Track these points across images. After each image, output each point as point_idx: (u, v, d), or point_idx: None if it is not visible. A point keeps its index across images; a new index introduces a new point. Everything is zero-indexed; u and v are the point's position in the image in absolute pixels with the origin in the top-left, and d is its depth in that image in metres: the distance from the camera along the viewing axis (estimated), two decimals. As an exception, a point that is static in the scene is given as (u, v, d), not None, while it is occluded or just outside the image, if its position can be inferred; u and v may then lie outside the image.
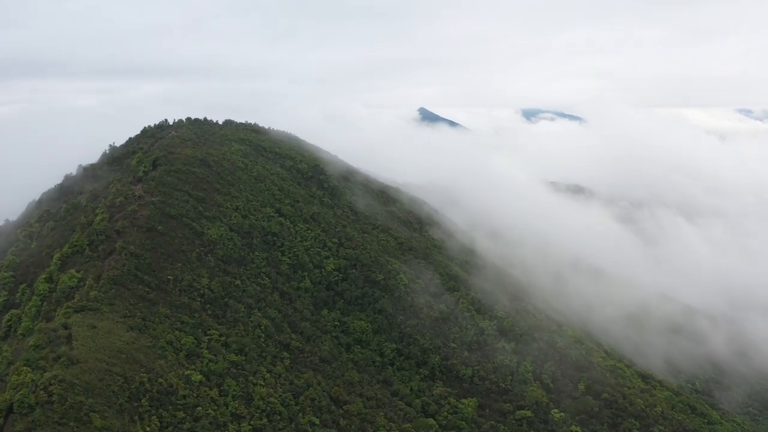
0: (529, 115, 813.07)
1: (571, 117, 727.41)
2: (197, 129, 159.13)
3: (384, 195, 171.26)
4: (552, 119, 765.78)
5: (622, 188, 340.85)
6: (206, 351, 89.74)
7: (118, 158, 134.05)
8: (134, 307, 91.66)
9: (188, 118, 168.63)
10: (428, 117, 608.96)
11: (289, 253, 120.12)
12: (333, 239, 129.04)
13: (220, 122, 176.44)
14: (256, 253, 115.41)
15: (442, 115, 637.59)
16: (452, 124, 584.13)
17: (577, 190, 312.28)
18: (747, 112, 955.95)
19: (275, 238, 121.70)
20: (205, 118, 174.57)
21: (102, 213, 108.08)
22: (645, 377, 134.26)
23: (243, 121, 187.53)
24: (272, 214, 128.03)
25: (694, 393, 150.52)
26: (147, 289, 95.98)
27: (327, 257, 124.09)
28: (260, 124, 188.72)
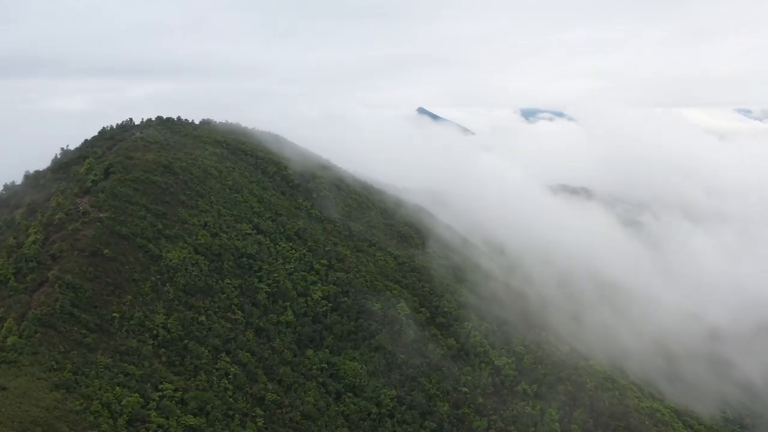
0: (528, 115, 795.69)
1: (570, 117, 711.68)
2: (167, 130, 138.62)
3: (381, 204, 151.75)
4: (551, 119, 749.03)
5: (621, 189, 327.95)
6: (155, 413, 70.61)
7: (66, 164, 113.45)
8: (64, 357, 72.29)
9: (158, 117, 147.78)
10: (427, 117, 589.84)
11: (268, 278, 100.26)
12: (321, 260, 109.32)
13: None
14: (227, 281, 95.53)
15: (441, 115, 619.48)
16: (451, 123, 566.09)
17: (577, 192, 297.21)
18: (746, 112, 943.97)
19: (251, 261, 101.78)
20: (179, 117, 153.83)
21: (36, 233, 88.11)
22: (681, 414, 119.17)
23: (224, 121, 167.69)
24: (249, 231, 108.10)
25: (727, 423, 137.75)
26: (84, 332, 76.51)
27: (314, 282, 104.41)
28: (258, 126, 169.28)
